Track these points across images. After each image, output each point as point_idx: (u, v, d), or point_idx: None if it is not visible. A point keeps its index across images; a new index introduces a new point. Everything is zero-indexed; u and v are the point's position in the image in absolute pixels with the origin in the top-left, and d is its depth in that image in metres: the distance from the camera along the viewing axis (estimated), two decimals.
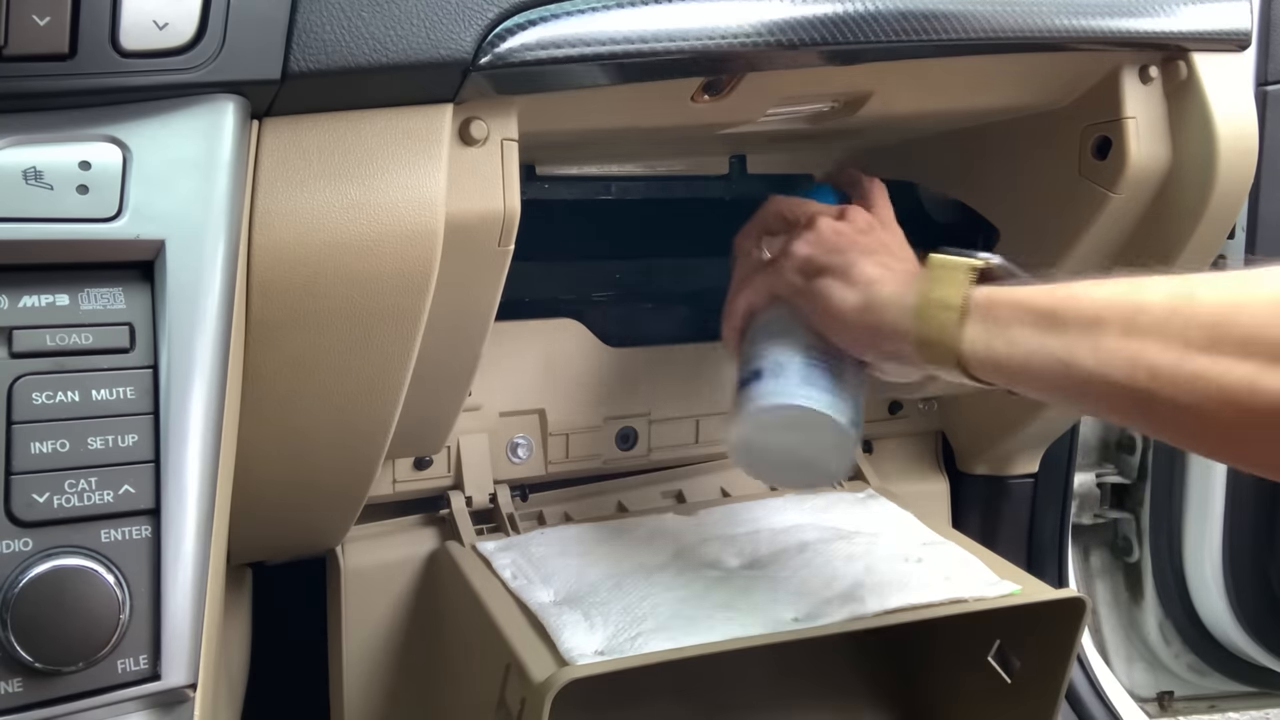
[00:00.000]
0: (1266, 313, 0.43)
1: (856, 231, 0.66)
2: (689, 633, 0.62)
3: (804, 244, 0.65)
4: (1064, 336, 0.50)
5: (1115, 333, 0.48)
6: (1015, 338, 0.53)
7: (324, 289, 0.51)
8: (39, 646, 0.42)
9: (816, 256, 0.64)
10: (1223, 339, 0.44)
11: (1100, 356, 0.49)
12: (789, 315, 0.66)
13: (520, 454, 0.80)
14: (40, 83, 0.44)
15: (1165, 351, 0.46)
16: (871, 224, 0.67)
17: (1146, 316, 0.47)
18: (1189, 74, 0.69)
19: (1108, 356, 0.48)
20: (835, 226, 0.66)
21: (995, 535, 0.96)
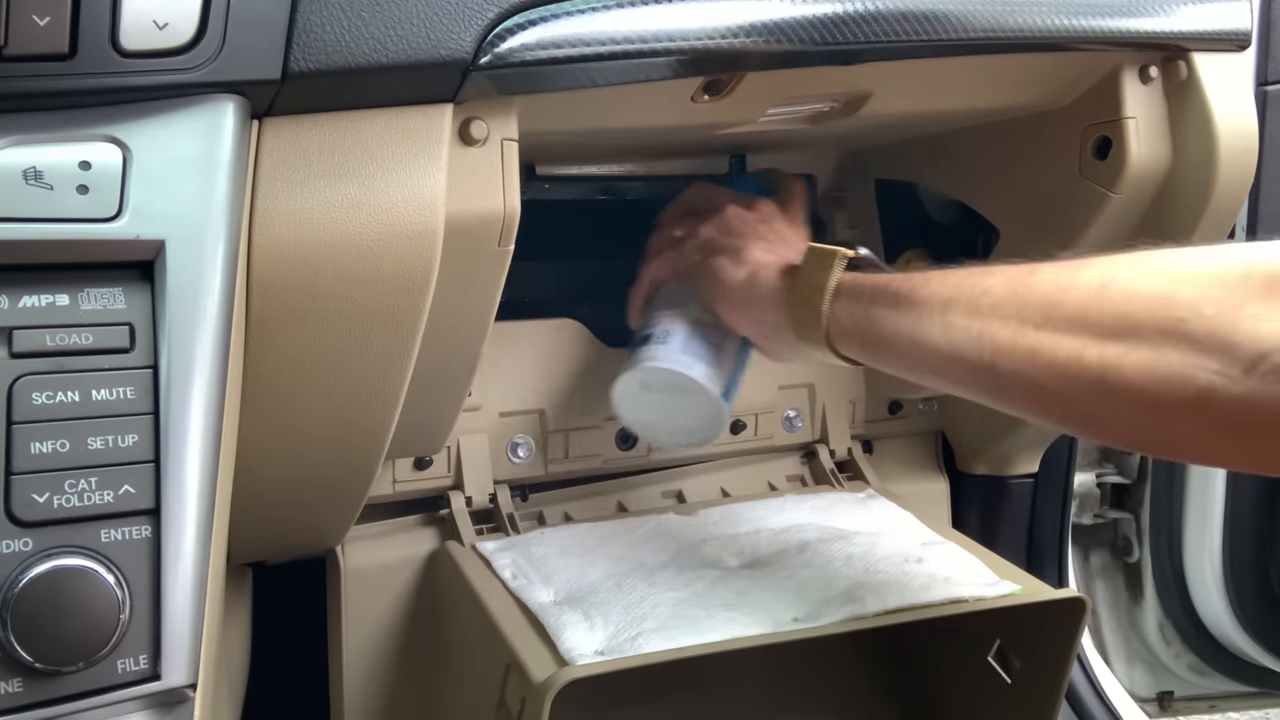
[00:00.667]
0: (1090, 295, 0.49)
1: (758, 220, 0.73)
2: (689, 633, 0.62)
3: (709, 227, 0.73)
4: (918, 316, 0.56)
5: (962, 312, 0.54)
6: (874, 317, 0.59)
7: (324, 289, 0.51)
8: (39, 646, 0.42)
9: (716, 238, 0.72)
10: (1053, 317, 0.50)
11: (949, 334, 0.54)
12: (686, 289, 0.74)
13: (520, 454, 0.80)
14: (40, 83, 0.44)
15: (1005, 328, 0.52)
16: (774, 215, 0.74)
17: (989, 298, 0.53)
18: (1189, 74, 0.69)
19: (957, 334, 0.54)
20: (740, 214, 0.73)
21: (995, 535, 0.95)
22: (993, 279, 0.54)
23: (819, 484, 0.88)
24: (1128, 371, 0.47)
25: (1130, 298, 0.48)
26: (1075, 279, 0.50)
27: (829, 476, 0.88)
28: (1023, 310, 0.51)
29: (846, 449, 0.89)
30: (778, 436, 0.88)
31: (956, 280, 0.56)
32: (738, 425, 0.86)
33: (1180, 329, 0.45)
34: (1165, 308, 0.46)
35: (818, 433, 0.89)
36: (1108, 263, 0.51)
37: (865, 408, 0.90)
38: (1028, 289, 0.52)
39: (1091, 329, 0.49)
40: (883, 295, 0.59)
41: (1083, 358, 0.49)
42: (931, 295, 0.56)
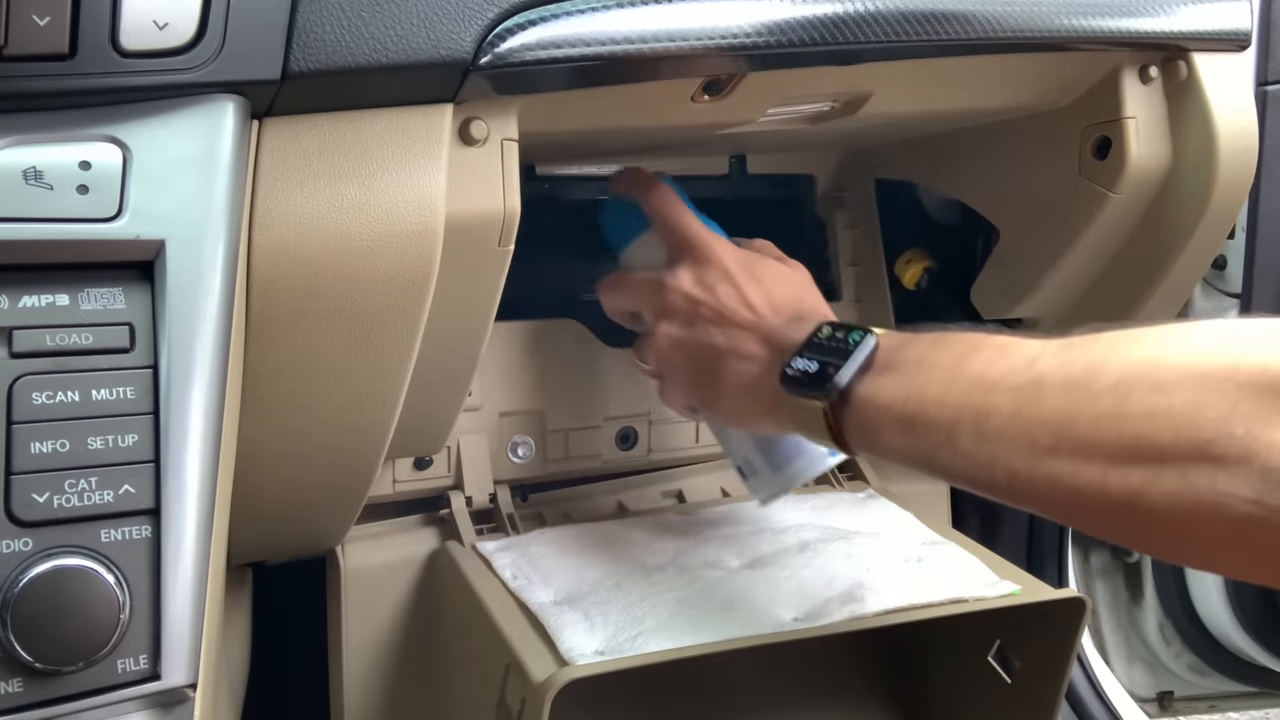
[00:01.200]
0: (1105, 413, 0.45)
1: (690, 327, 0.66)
2: (689, 633, 0.62)
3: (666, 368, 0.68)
4: (925, 441, 0.52)
5: (969, 438, 0.50)
6: (884, 441, 0.55)
7: (324, 289, 0.51)
8: (39, 646, 0.42)
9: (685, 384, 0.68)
10: (1067, 439, 0.46)
11: (959, 462, 0.50)
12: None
13: (520, 454, 0.80)
14: (40, 83, 0.44)
15: (1016, 453, 0.48)
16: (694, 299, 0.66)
17: (996, 419, 0.49)
18: (1189, 74, 0.69)
19: (966, 461, 0.50)
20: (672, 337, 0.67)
21: (995, 535, 0.95)
22: (998, 396, 0.49)
23: (819, 484, 0.88)
24: (1156, 500, 0.43)
25: (1150, 414, 0.43)
26: (1088, 391, 0.46)
27: (829, 476, 0.88)
28: (1033, 433, 0.47)
29: None
30: None
31: (960, 398, 0.51)
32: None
33: (1209, 452, 0.41)
34: (1190, 428, 0.42)
35: None
36: (1125, 366, 0.45)
37: None
38: (1035, 406, 0.47)
39: (1111, 454, 0.44)
40: (887, 420, 0.54)
41: (1106, 485, 0.44)
42: (934, 420, 0.51)
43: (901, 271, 0.91)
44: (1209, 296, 0.93)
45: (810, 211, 0.93)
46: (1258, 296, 0.87)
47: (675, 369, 0.68)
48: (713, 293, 0.66)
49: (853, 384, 0.56)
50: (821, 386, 0.56)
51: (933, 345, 0.55)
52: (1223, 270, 0.90)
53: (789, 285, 0.67)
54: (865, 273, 0.92)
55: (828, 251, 0.92)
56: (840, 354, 0.57)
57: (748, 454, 0.71)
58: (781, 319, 0.64)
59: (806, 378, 0.58)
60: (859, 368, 0.56)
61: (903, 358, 0.56)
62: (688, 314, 0.66)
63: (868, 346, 0.57)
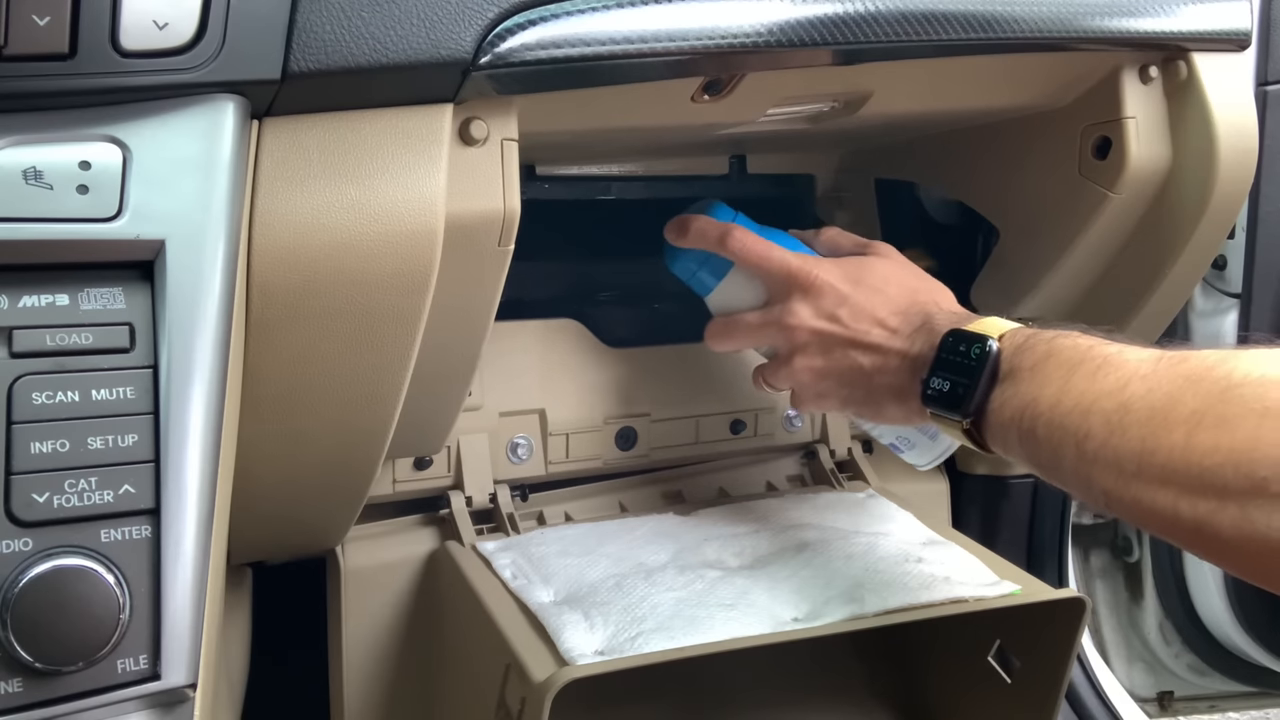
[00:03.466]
0: (1177, 448, 0.48)
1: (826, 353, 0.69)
2: (689, 633, 0.62)
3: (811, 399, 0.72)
4: (1040, 454, 0.57)
5: (1071, 458, 0.54)
6: (1012, 449, 0.60)
7: (324, 289, 0.51)
8: (39, 646, 0.42)
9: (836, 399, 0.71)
10: (1146, 468, 0.49)
11: (1066, 475, 0.55)
12: None
13: (520, 454, 0.80)
14: (40, 83, 0.44)
15: (1107, 475, 0.52)
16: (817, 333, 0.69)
17: (1091, 443, 0.53)
18: (1189, 74, 0.69)
19: (1070, 476, 0.55)
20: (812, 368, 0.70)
21: (995, 535, 0.95)
22: (1093, 419, 0.53)
23: (819, 484, 0.88)
24: (1221, 529, 0.46)
25: (1214, 449, 0.46)
26: (1166, 422, 0.49)
27: (829, 476, 0.88)
28: (1120, 460, 0.51)
29: (846, 449, 0.89)
30: (778, 436, 0.88)
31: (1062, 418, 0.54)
32: (737, 425, 0.86)
33: (1266, 489, 0.44)
34: (1249, 465, 0.44)
35: (818, 433, 0.89)
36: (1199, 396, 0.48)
37: None
38: (1122, 434, 0.51)
39: (1182, 484, 0.47)
40: (1011, 435, 0.59)
41: (1179, 512, 0.48)
42: (1045, 438, 0.56)
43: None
44: (1209, 296, 0.93)
45: (810, 211, 0.93)
46: (1258, 296, 0.88)
47: (824, 393, 0.71)
48: (837, 320, 0.69)
49: (982, 402, 0.60)
50: (957, 407, 0.61)
51: (1046, 354, 0.58)
52: (1223, 270, 0.91)
53: (899, 282, 0.71)
54: None
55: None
56: (968, 372, 0.61)
57: (902, 432, 0.73)
58: (910, 327, 0.67)
59: (942, 397, 0.62)
60: (985, 386, 0.61)
61: (1021, 364, 0.59)
62: (821, 344, 0.70)
63: (990, 360, 0.61)
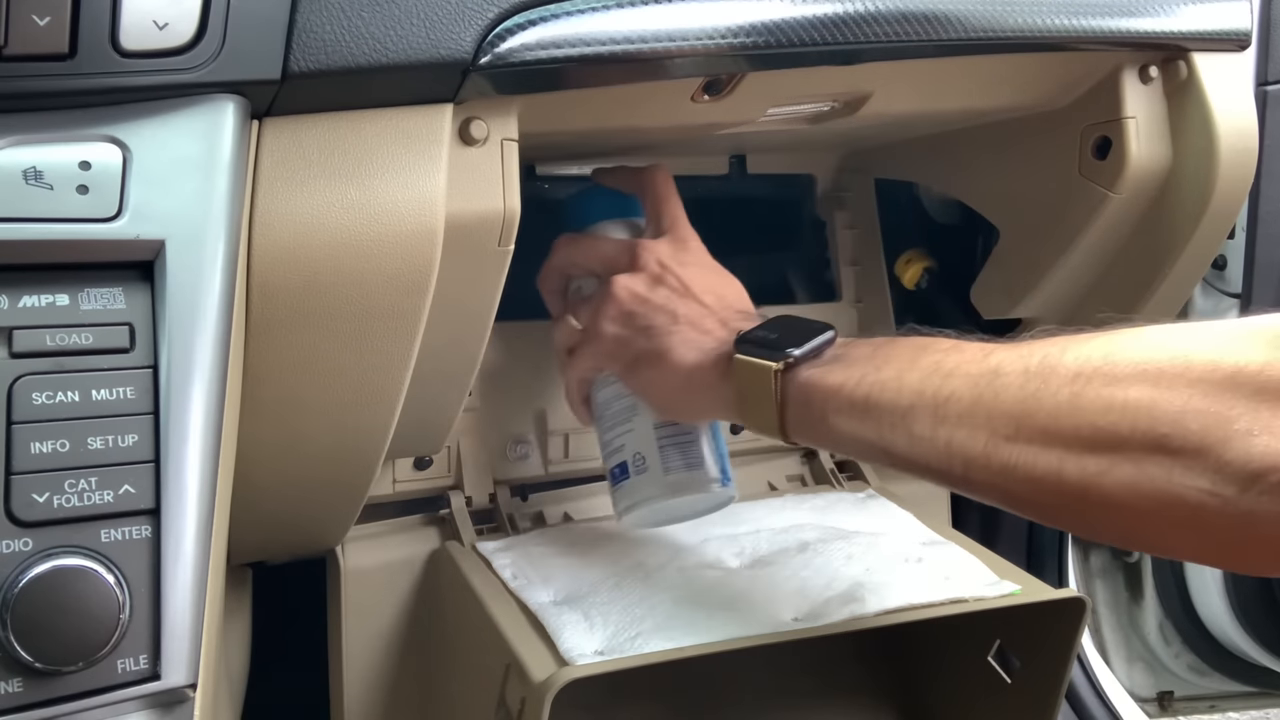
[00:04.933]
0: (1063, 404, 0.46)
1: (653, 288, 0.66)
2: (689, 633, 0.62)
3: (608, 320, 0.66)
4: (878, 425, 0.53)
5: (926, 422, 0.50)
6: (833, 426, 0.55)
7: (324, 289, 0.51)
8: (39, 646, 0.42)
9: (625, 337, 0.66)
10: (1025, 428, 0.47)
11: (915, 446, 0.51)
12: (625, 389, 0.69)
13: (520, 454, 0.80)
14: (40, 83, 0.44)
15: (974, 440, 0.49)
16: (665, 268, 0.66)
17: (954, 405, 0.50)
18: (1189, 74, 0.69)
19: (922, 446, 0.51)
20: (633, 291, 0.66)
21: (995, 535, 0.95)
22: (956, 382, 0.50)
23: (819, 484, 0.88)
24: (1110, 489, 0.45)
25: (1107, 408, 0.45)
26: (1048, 383, 0.47)
27: (829, 476, 0.88)
28: (991, 420, 0.48)
29: None
30: None
31: (917, 382, 0.52)
32: (737, 425, 0.86)
33: (1165, 445, 0.43)
34: (1146, 421, 0.44)
35: None
36: (1079, 362, 0.47)
37: None
38: (994, 395, 0.48)
39: (1067, 443, 0.46)
40: (836, 402, 0.55)
41: (1062, 473, 0.46)
42: (889, 403, 0.52)
43: (901, 271, 0.91)
44: (1209, 296, 0.93)
45: (810, 211, 0.93)
46: (1258, 296, 0.87)
47: (619, 328, 0.66)
48: (684, 269, 0.66)
49: (803, 362, 0.57)
50: (772, 350, 0.58)
51: (885, 342, 0.56)
52: (1223, 270, 0.90)
53: (746, 301, 0.69)
54: (865, 273, 0.92)
55: (828, 251, 0.92)
56: (798, 334, 0.59)
57: (643, 447, 0.68)
58: (736, 316, 0.65)
59: (763, 342, 0.59)
60: (814, 349, 0.58)
61: (854, 352, 0.57)
62: (653, 276, 0.66)
63: (826, 335, 0.59)
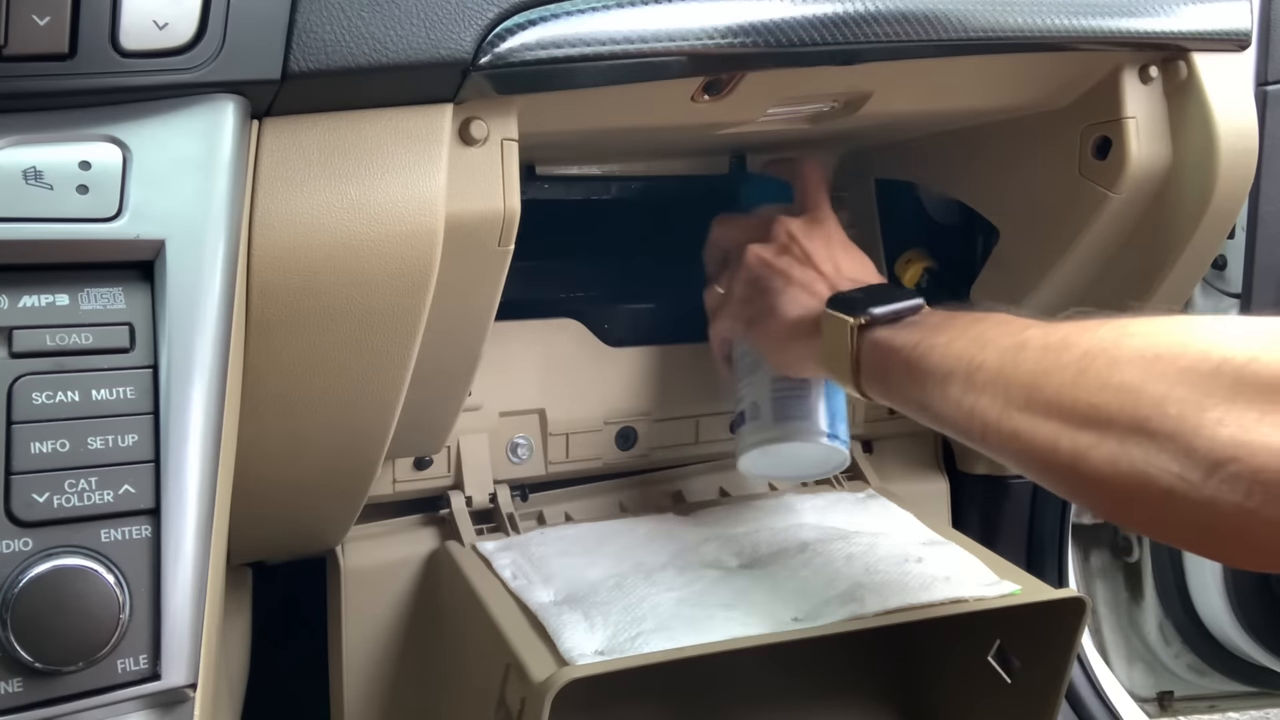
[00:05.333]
0: (1068, 380, 0.49)
1: (779, 254, 0.73)
2: (689, 633, 0.62)
3: (738, 283, 0.74)
4: (923, 386, 0.58)
5: (958, 387, 0.55)
6: (891, 382, 0.61)
7: (324, 289, 0.51)
8: (39, 646, 0.42)
9: (748, 297, 0.73)
10: (1034, 400, 0.51)
11: (947, 406, 0.56)
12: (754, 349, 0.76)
13: (520, 454, 0.80)
14: (40, 83, 0.44)
15: (993, 406, 0.53)
16: (794, 238, 0.73)
17: (982, 374, 0.54)
18: (1189, 74, 0.69)
19: (952, 408, 0.55)
20: (761, 256, 0.73)
21: (995, 535, 0.95)
22: (988, 353, 0.54)
23: (819, 484, 0.88)
24: (1096, 464, 0.47)
25: (1103, 386, 0.47)
26: (1059, 360, 0.50)
27: (829, 476, 0.88)
28: (1009, 390, 0.52)
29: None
30: None
31: (959, 351, 0.56)
32: (737, 425, 0.86)
33: (1145, 427, 0.45)
34: (1133, 403, 0.46)
35: None
36: (1093, 340, 0.50)
37: (865, 407, 0.90)
38: (1015, 366, 0.52)
39: (1066, 416, 0.49)
40: (896, 361, 0.60)
41: (1058, 445, 0.49)
42: (934, 366, 0.57)
43: (901, 271, 0.91)
44: (1209, 296, 0.93)
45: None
46: (1258, 296, 0.87)
47: (746, 286, 0.73)
48: (810, 241, 0.73)
49: (880, 321, 0.63)
50: (856, 309, 0.64)
51: (955, 314, 0.60)
52: (1223, 270, 0.90)
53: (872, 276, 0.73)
54: None
55: None
56: (885, 299, 0.64)
57: (759, 398, 0.75)
58: (848, 283, 0.70)
59: (845, 301, 0.65)
60: (894, 312, 0.63)
61: (928, 320, 0.62)
62: (782, 246, 0.73)
63: (911, 301, 0.64)
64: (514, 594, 0.68)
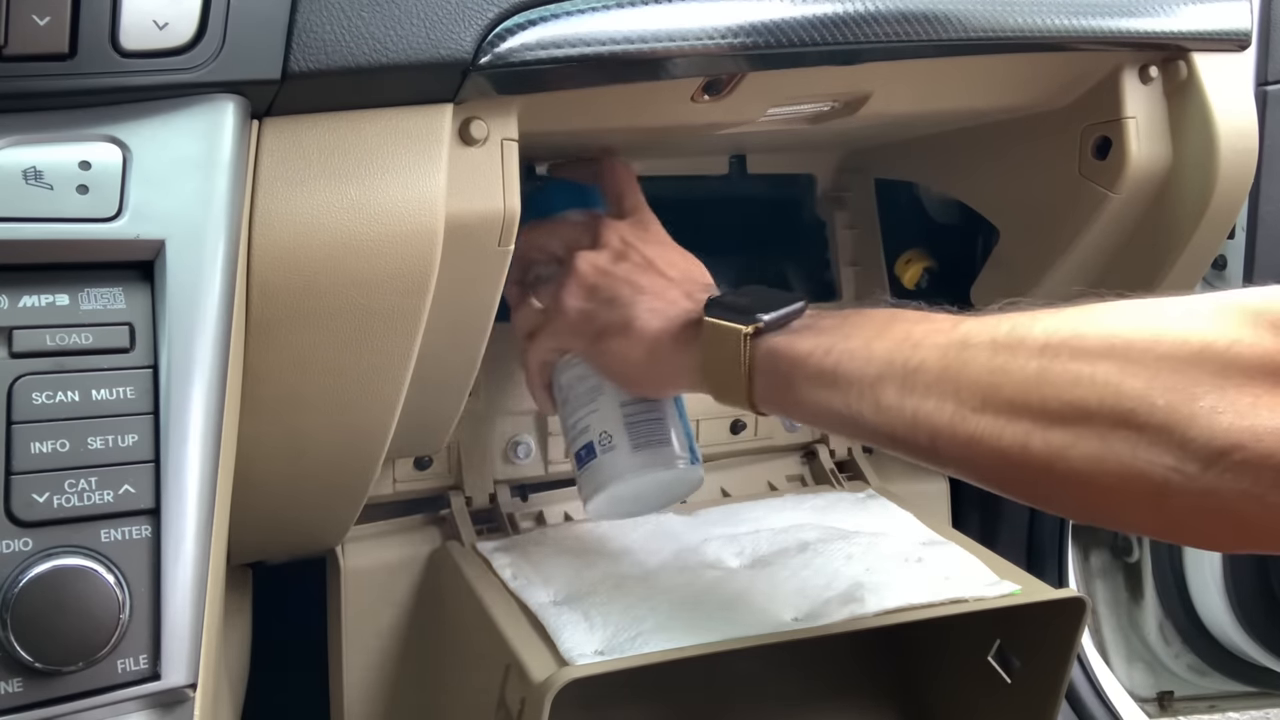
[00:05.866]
0: (1031, 377, 0.46)
1: (616, 262, 0.65)
2: (689, 632, 0.62)
3: (571, 295, 0.66)
4: (845, 395, 0.53)
5: (894, 392, 0.50)
6: (801, 395, 0.55)
7: (324, 289, 0.51)
8: (39, 646, 0.42)
9: (589, 311, 0.65)
10: (992, 400, 0.47)
11: (882, 416, 0.51)
12: (589, 369, 0.68)
13: (520, 454, 0.80)
14: (40, 83, 0.44)
15: (941, 410, 0.49)
16: (628, 244, 0.66)
17: (922, 376, 0.50)
18: (1189, 74, 0.69)
19: (890, 416, 0.51)
20: (596, 265, 0.65)
21: (995, 535, 0.95)
22: (924, 353, 0.50)
23: (819, 484, 0.88)
24: (1076, 462, 0.45)
25: (1075, 381, 0.45)
26: (1014, 355, 0.47)
27: (829, 476, 0.88)
28: (959, 392, 0.48)
29: (846, 449, 0.89)
30: (777, 436, 0.88)
31: (885, 352, 0.52)
32: (737, 425, 0.86)
33: (1131, 420, 0.43)
34: (1113, 396, 0.44)
35: (817, 432, 0.89)
36: (1047, 334, 0.47)
37: None
38: (962, 365, 0.49)
39: (1034, 415, 0.46)
40: (804, 370, 0.55)
41: (1028, 446, 0.46)
42: (858, 372, 0.52)
43: (901, 271, 0.91)
44: None
45: (810, 211, 0.93)
46: None
47: (582, 302, 0.65)
48: (647, 246, 0.67)
49: (771, 327, 0.57)
50: (743, 315, 0.58)
51: (854, 312, 0.56)
52: (1223, 270, 0.90)
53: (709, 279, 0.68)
54: (865, 273, 0.92)
55: (828, 251, 0.92)
56: (769, 302, 0.58)
57: (608, 426, 0.67)
58: (700, 289, 0.65)
59: (734, 307, 0.59)
60: (783, 315, 0.57)
61: (824, 322, 0.57)
62: (616, 252, 0.66)
63: (796, 304, 0.58)
64: (514, 594, 0.68)
